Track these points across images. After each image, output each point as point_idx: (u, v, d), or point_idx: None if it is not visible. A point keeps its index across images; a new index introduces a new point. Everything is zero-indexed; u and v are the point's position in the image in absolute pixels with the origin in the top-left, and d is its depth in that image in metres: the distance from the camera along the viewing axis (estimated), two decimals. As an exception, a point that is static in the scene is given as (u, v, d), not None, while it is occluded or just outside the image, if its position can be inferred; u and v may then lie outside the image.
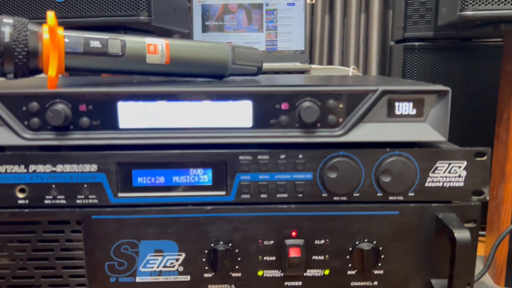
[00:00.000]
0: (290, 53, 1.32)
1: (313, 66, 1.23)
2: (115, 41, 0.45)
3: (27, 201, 0.43)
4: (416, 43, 1.13)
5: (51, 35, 0.42)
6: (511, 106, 0.77)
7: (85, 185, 0.43)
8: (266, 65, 1.19)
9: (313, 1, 1.42)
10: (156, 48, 0.47)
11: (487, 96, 1.11)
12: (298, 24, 1.33)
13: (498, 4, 0.69)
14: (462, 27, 0.91)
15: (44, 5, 0.93)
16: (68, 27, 0.98)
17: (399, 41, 1.18)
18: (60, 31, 0.44)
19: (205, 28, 1.35)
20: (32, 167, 0.43)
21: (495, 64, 1.09)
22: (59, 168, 0.43)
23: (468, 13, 0.69)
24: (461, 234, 0.41)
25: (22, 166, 0.43)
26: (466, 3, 0.70)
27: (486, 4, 0.69)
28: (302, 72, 1.14)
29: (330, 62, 1.59)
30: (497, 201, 0.84)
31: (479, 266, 0.88)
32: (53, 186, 0.43)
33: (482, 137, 1.12)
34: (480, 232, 1.00)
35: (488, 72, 1.10)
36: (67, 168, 0.43)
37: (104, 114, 0.43)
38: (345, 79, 0.56)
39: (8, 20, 0.41)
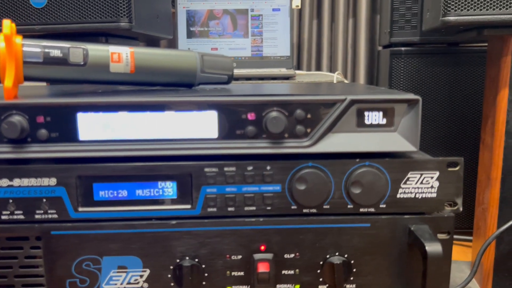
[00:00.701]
0: (276, 59, 1.31)
1: (297, 72, 1.22)
2: (76, 50, 0.44)
3: (-17, 217, 0.42)
4: (403, 48, 1.13)
5: (7, 44, 0.41)
6: (496, 111, 0.77)
7: (44, 200, 0.42)
8: (252, 71, 1.18)
9: (299, 6, 1.42)
10: (120, 57, 0.45)
11: (473, 100, 1.11)
12: (283, 30, 1.32)
13: (481, 10, 0.69)
14: (447, 32, 0.91)
15: (23, 12, 0.92)
16: (47, 34, 0.97)
17: (386, 46, 1.18)
18: (18, 39, 0.42)
19: (190, 34, 1.34)
20: (-12, 182, 0.41)
21: (481, 69, 1.09)
22: (17, 182, 0.41)
23: (451, 18, 0.69)
24: (433, 248, 0.40)
25: (-23, 181, 0.41)
26: (449, 8, 0.70)
27: (468, 9, 0.69)
28: (287, 78, 1.13)
29: (318, 67, 1.59)
30: (483, 207, 0.83)
31: (466, 272, 0.87)
32: (10, 201, 0.42)
33: (469, 142, 1.12)
34: (467, 237, 1.00)
35: (475, 77, 1.10)
36: (25, 182, 0.41)
37: (63, 126, 0.41)
38: (316, 88, 0.55)
39: (-38, 29, 0.40)
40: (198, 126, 0.42)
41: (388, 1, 1.14)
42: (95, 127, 0.41)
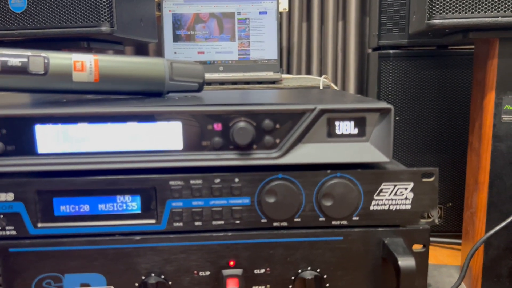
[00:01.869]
0: (263, 62, 1.30)
1: (284, 76, 1.21)
2: (37, 59, 0.42)
3: None
4: (391, 51, 1.12)
5: (-38, 54, 0.39)
6: (483, 114, 0.76)
7: (1, 216, 0.40)
8: (238, 75, 1.16)
9: (286, 9, 1.41)
10: (84, 65, 0.44)
11: (462, 103, 1.10)
12: (270, 33, 1.31)
13: (466, 13, 0.68)
14: (433, 35, 0.90)
15: (2, 16, 0.90)
16: (27, 39, 0.95)
17: (375, 49, 1.17)
18: (-26, 48, 0.40)
19: (176, 38, 1.32)
20: None
21: (470, 71, 1.08)
22: (-28, 197, 0.40)
23: (436, 21, 0.69)
24: (406, 262, 0.39)
25: None
26: (434, 12, 0.70)
27: (453, 13, 0.69)
28: (273, 82, 1.12)
29: (308, 71, 1.58)
30: (471, 211, 0.83)
31: (455, 276, 0.86)
32: (-34, 217, 0.40)
33: (457, 145, 1.11)
34: (456, 241, 0.99)
35: (463, 79, 1.10)
36: (-19, 197, 0.40)
37: (20, 138, 0.39)
38: (289, 96, 0.53)
39: None
40: (162, 137, 0.40)
41: (377, 3, 1.14)
42: (54, 140, 0.40)
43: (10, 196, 0.40)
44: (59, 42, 0.95)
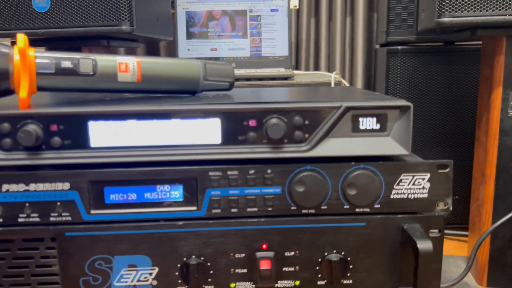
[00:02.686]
0: (274, 59, 1.33)
1: (296, 72, 1.24)
2: (86, 61, 0.46)
3: (0, 220, 0.44)
4: (399, 47, 1.14)
5: (22, 57, 0.43)
6: (490, 109, 0.78)
7: (58, 203, 0.44)
8: (250, 71, 1.20)
9: (297, 7, 1.43)
10: (128, 67, 0.48)
11: (469, 98, 1.13)
12: (282, 30, 1.34)
13: (474, 11, 0.70)
14: (442, 31, 0.93)
15: (26, 16, 0.93)
16: (50, 37, 0.98)
17: (383, 45, 1.20)
18: (31, 51, 0.44)
19: (189, 35, 1.36)
20: (5, 187, 0.44)
21: (477, 67, 1.11)
22: (32, 187, 0.44)
23: (446, 19, 0.71)
24: (424, 245, 0.43)
25: (-5, 186, 0.44)
26: (443, 10, 0.72)
27: (462, 11, 0.71)
28: (285, 78, 1.15)
29: (316, 66, 1.61)
30: (478, 203, 0.85)
31: (462, 266, 0.90)
32: (27, 204, 0.44)
33: (464, 140, 1.14)
34: (463, 233, 1.03)
35: (470, 75, 1.12)
36: (40, 187, 0.44)
37: (75, 134, 0.44)
38: (314, 94, 0.57)
39: (-22, 43, 0.42)
40: (203, 132, 0.45)
41: (385, 0, 1.16)
42: (105, 134, 0.44)
43: (66, 185, 0.44)
44: (80, 40, 0.98)
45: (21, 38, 0.44)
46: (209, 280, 0.46)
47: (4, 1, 0.92)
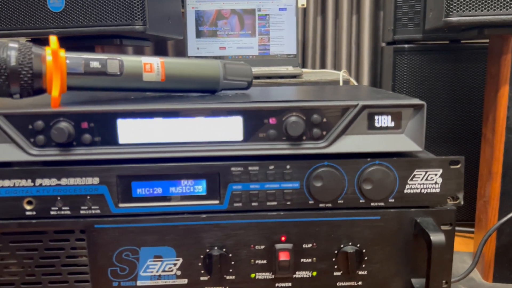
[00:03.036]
0: (282, 57, 1.35)
1: (304, 70, 1.26)
2: (113, 61, 0.48)
3: (34, 213, 0.47)
4: (406, 45, 1.16)
5: (54, 58, 0.45)
6: (496, 107, 0.79)
7: (88, 197, 0.47)
8: (260, 69, 1.22)
9: (305, 5, 1.45)
10: (152, 67, 0.50)
11: (475, 96, 1.14)
12: (290, 29, 1.36)
13: (482, 10, 0.71)
14: (449, 30, 0.94)
15: (42, 16, 0.95)
16: (65, 36, 1.00)
17: (389, 43, 1.21)
18: (62, 53, 0.47)
19: (199, 34, 1.38)
20: (38, 181, 0.46)
21: (483, 65, 1.12)
22: (64, 181, 0.46)
23: (453, 19, 0.72)
24: (437, 237, 0.45)
25: (29, 180, 0.46)
26: (451, 9, 0.73)
27: (470, 10, 0.72)
28: (294, 76, 1.17)
29: (323, 64, 1.62)
30: (484, 200, 0.87)
31: (468, 262, 0.91)
32: (58, 198, 0.46)
33: (471, 137, 1.15)
34: (469, 229, 1.04)
35: (477, 73, 1.14)
36: (71, 181, 0.46)
37: (104, 131, 0.46)
38: (329, 93, 0.59)
39: (13, 44, 0.44)
40: (225, 130, 0.47)
41: (392, -1, 1.17)
42: (133, 132, 0.46)
43: (95, 180, 0.46)
44: (93, 39, 1.00)
45: (54, 40, 0.46)
46: (231, 270, 0.49)
47: (20, 1, 0.94)
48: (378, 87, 1.50)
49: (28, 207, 0.46)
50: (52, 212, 0.47)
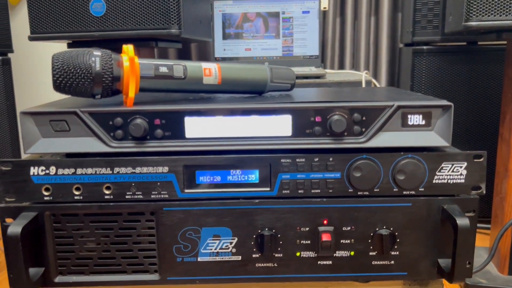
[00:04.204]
0: (305, 58, 1.42)
1: (327, 70, 1.32)
2: (178, 67, 0.56)
3: (111, 197, 0.54)
4: (425, 47, 1.21)
5: (131, 63, 0.53)
6: None
7: (158, 183, 0.54)
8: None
9: (327, 8, 1.51)
10: (211, 71, 0.57)
11: (492, 96, 1.18)
12: (312, 31, 1.42)
13: (500, 15, 0.76)
14: (468, 33, 0.99)
15: (84, 20, 1.02)
16: (105, 39, 1.06)
17: (407, 44, 1.26)
18: (136, 59, 0.54)
19: (225, 36, 1.45)
20: (116, 169, 0.54)
21: (500, 66, 1.17)
22: (138, 170, 0.54)
23: (473, 23, 0.77)
24: (462, 222, 0.51)
25: (109, 169, 0.53)
26: (471, 14, 0.78)
27: (489, 15, 0.77)
28: (317, 77, 1.23)
29: (341, 65, 1.67)
30: (500, 196, 0.92)
31: (484, 257, 0.96)
32: (133, 184, 0.54)
33: (488, 136, 1.20)
34: (485, 225, 1.08)
35: (494, 74, 1.18)
36: (144, 170, 0.54)
37: (174, 127, 0.53)
38: (365, 94, 0.66)
39: (97, 52, 0.52)
40: (276, 126, 0.54)
41: (411, 2, 1.22)
42: (198, 128, 0.53)
43: (165, 169, 0.54)
44: (130, 42, 1.07)
45: (131, 48, 0.53)
46: (279, 249, 0.56)
47: (64, 6, 1.01)
48: (396, 87, 1.55)
49: (107, 191, 0.54)
50: (127, 196, 0.54)
